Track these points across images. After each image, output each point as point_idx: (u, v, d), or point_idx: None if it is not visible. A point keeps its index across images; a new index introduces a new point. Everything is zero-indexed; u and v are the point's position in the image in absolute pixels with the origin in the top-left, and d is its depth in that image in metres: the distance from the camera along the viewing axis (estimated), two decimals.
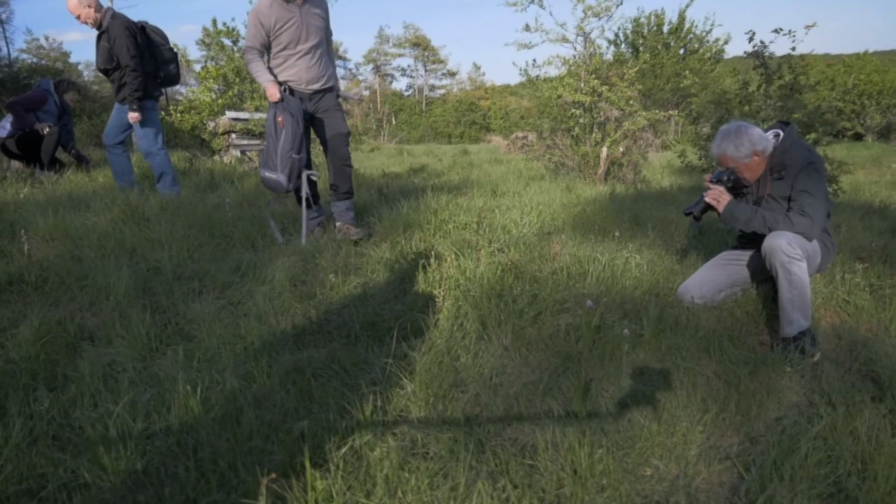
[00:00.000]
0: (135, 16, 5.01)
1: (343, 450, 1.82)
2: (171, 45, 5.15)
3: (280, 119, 3.76)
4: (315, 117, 4.12)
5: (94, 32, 4.78)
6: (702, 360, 2.62)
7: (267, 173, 3.86)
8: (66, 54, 36.22)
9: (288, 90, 3.91)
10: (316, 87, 4.04)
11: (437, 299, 3.06)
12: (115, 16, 4.75)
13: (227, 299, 3.13)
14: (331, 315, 2.97)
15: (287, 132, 3.76)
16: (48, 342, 2.56)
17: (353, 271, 3.39)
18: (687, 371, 2.52)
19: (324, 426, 1.98)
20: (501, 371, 2.51)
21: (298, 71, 3.95)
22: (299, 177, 3.89)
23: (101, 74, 5.21)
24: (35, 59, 30.54)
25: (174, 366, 2.40)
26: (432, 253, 3.47)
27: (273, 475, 1.51)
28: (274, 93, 3.85)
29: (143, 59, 4.81)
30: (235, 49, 8.13)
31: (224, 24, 7.88)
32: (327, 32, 4.13)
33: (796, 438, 2.10)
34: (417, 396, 2.20)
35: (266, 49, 3.94)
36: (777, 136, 2.91)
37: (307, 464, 1.63)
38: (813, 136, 6.63)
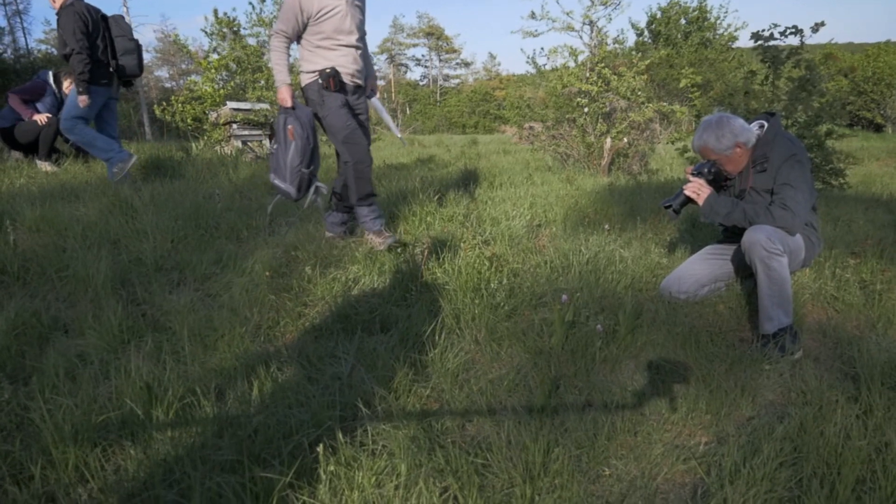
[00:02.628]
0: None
1: (290, 446, 1.81)
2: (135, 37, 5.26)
3: (290, 129, 3.50)
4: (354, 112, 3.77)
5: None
6: (677, 356, 2.57)
7: (277, 181, 3.65)
8: None
9: (333, 77, 3.52)
10: (360, 81, 3.73)
11: (413, 292, 3.03)
12: (73, 3, 4.82)
13: (205, 291, 3.12)
14: (306, 307, 2.95)
15: (297, 144, 3.51)
16: (21, 333, 2.57)
17: (332, 264, 3.37)
18: (659, 368, 2.47)
19: (277, 420, 1.96)
20: (470, 366, 2.48)
21: (347, 61, 3.62)
22: (308, 188, 3.67)
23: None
24: (52, 50, 30.79)
25: (140, 358, 2.40)
26: (414, 245, 3.44)
27: None
28: (286, 98, 3.54)
29: (92, 46, 4.86)
30: (242, 38, 8.10)
31: (225, 13, 7.88)
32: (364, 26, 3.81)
33: (763, 438, 2.05)
34: (376, 391, 2.17)
35: (297, 38, 3.63)
36: (761, 126, 2.84)
37: (245, 460, 1.62)
38: (825, 127, 6.45)
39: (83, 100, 4.88)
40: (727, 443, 2.09)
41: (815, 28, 5.73)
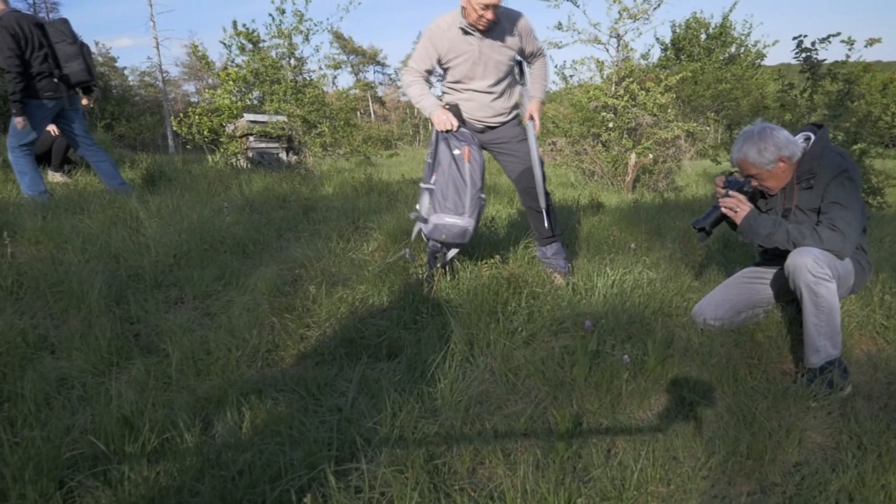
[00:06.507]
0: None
1: (276, 492, 1.60)
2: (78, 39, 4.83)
3: (462, 152, 3.04)
4: (491, 148, 3.45)
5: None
6: (712, 391, 2.32)
7: (449, 219, 3.01)
8: (114, 59, 37.01)
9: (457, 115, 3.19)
10: (491, 123, 3.37)
11: (424, 315, 2.82)
12: (3, 17, 4.44)
13: (204, 310, 2.94)
14: (308, 330, 2.76)
15: (474, 166, 3.04)
16: (5, 353, 2.40)
17: (340, 282, 3.18)
18: (693, 405, 2.23)
19: (265, 460, 1.75)
20: (484, 399, 2.25)
21: (472, 107, 3.30)
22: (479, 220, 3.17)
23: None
24: None
25: (124, 384, 2.22)
26: (426, 264, 3.24)
27: None
28: (445, 120, 3.09)
29: (24, 59, 4.48)
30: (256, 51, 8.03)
31: (244, 25, 7.81)
32: (531, 51, 3.34)
33: (816, 491, 1.80)
34: (380, 427, 1.96)
35: (431, 74, 3.28)
36: (807, 139, 2.59)
37: None
38: (861, 146, 6.21)
39: (18, 121, 4.54)
40: (773, 493, 1.85)
41: (870, 43, 5.49)
